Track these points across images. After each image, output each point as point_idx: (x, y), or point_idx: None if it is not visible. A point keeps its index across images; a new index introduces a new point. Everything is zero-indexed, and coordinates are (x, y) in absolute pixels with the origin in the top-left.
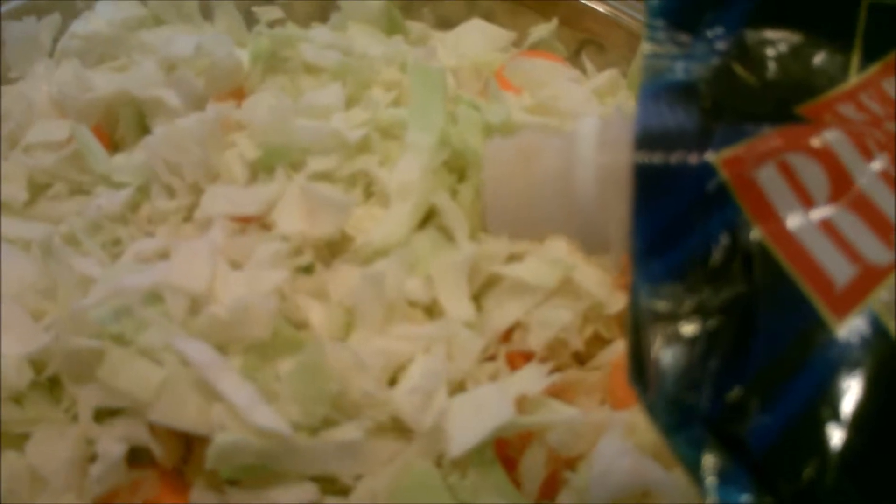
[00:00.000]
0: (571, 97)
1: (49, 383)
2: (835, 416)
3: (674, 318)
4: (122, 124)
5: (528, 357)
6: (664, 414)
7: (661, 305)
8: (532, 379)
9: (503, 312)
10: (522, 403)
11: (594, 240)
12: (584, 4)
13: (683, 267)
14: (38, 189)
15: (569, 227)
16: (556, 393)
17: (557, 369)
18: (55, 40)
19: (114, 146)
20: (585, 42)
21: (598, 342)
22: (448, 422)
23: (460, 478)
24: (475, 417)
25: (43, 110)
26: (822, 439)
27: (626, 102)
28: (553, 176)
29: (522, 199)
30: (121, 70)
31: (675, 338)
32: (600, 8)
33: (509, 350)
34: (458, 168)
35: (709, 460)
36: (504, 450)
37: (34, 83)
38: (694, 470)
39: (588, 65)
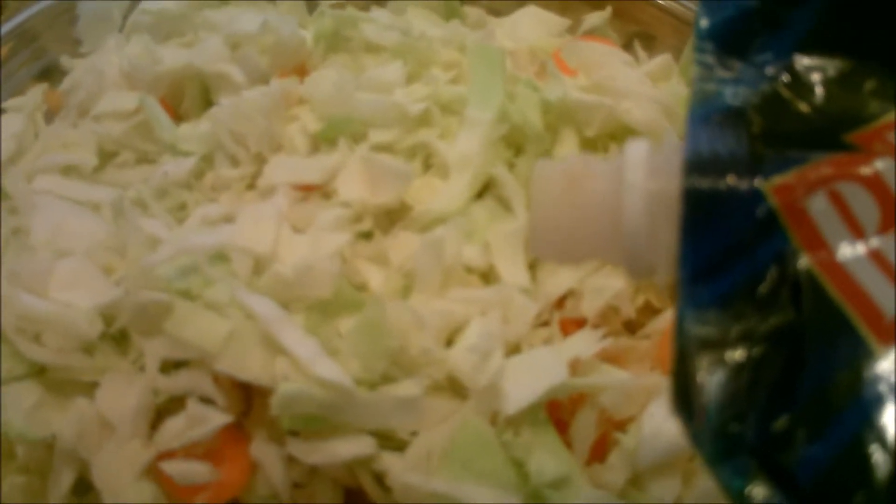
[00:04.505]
0: (625, 78)
1: (118, 335)
2: (883, 446)
3: (720, 345)
4: (187, 98)
5: (580, 324)
6: (709, 443)
7: (707, 332)
8: (585, 343)
9: (557, 280)
10: (575, 366)
11: (640, 265)
12: None
13: (730, 294)
14: (106, 157)
15: (615, 252)
16: (608, 359)
17: (608, 336)
18: (125, 16)
19: (178, 118)
20: (636, 34)
21: (649, 311)
22: (503, 381)
23: (514, 435)
24: (530, 378)
25: (113, 82)
26: (870, 470)
27: (678, 86)
28: (601, 201)
29: (569, 222)
30: (188, 46)
31: (721, 365)
32: None
33: (562, 316)
34: (515, 143)
35: (754, 491)
36: (556, 412)
37: (105, 56)
38: (739, 498)
39: (640, 53)
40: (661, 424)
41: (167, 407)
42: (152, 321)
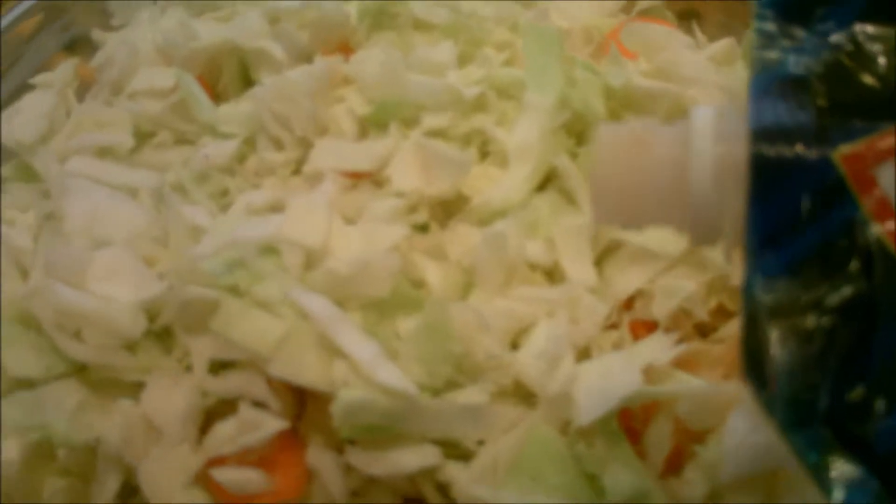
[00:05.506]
0: (690, 63)
1: (162, 332)
2: None
3: (790, 313)
4: (224, 76)
5: (650, 326)
6: (782, 411)
7: (777, 299)
8: (658, 349)
9: (625, 279)
10: (648, 373)
11: (705, 231)
12: None
13: (800, 262)
14: (142, 137)
15: (680, 217)
16: (678, 365)
17: (680, 341)
18: None
19: (216, 98)
20: (683, 11)
21: (722, 314)
22: (574, 389)
23: (587, 447)
24: (602, 385)
25: (147, 58)
26: None
27: (743, 71)
28: (667, 165)
29: (633, 186)
30: (224, 20)
31: (793, 333)
32: None
33: (632, 318)
34: (576, 131)
35: (834, 464)
36: (628, 421)
37: (138, 30)
38: (815, 470)
39: (699, 34)
40: (745, 437)
41: (216, 409)
42: (198, 318)
